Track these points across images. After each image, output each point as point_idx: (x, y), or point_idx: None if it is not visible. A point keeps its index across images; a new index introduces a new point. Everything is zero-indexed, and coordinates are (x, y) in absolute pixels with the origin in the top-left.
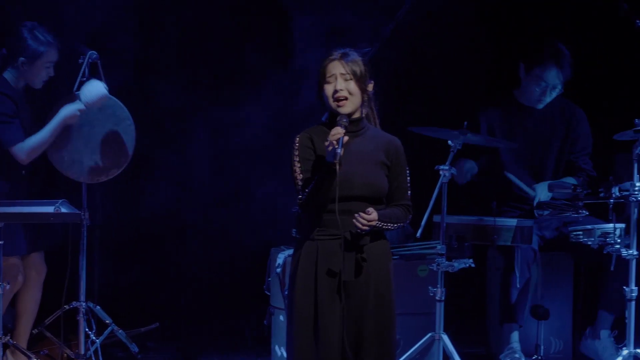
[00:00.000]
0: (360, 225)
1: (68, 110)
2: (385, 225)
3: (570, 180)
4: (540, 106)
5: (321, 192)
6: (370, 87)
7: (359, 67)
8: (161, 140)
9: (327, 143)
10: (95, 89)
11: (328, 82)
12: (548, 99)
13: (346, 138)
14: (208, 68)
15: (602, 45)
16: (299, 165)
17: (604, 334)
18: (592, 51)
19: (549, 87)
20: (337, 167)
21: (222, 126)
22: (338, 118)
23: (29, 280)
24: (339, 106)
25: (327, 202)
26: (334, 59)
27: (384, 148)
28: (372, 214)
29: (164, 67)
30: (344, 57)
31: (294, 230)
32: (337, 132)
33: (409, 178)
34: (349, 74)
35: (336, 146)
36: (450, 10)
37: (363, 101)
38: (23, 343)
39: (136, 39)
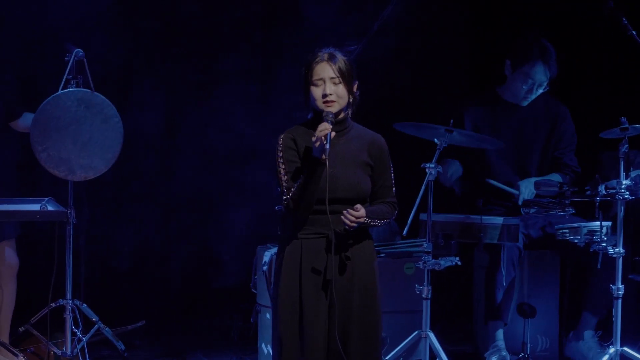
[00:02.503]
0: (348, 222)
1: None
2: (373, 222)
3: (557, 177)
4: (525, 103)
5: (308, 189)
6: (355, 87)
7: (346, 69)
8: (145, 137)
9: (314, 138)
10: None
11: (316, 85)
12: (533, 97)
13: (333, 133)
14: (194, 67)
15: (588, 43)
16: (283, 167)
17: (588, 334)
18: (578, 49)
19: (536, 84)
20: (327, 162)
21: (207, 124)
22: (324, 114)
23: (0, 273)
24: (327, 107)
25: (313, 202)
26: (322, 61)
27: (367, 147)
28: (360, 211)
29: (147, 67)
30: (331, 59)
31: (279, 228)
32: (325, 127)
33: (393, 175)
34: (338, 77)
35: (324, 142)
36: (435, 7)
37: (349, 102)
38: (5, 338)
39: (119, 38)
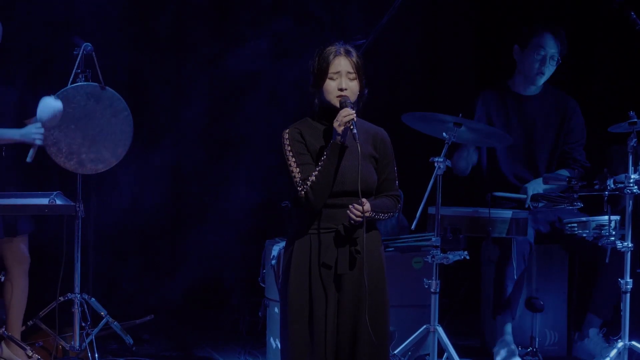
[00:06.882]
0: (354, 217)
1: (27, 133)
2: (378, 216)
3: (565, 172)
4: (540, 81)
5: (329, 176)
6: (363, 83)
7: (361, 65)
8: (155, 129)
9: (337, 123)
10: (48, 106)
11: (332, 78)
12: (547, 72)
13: (355, 118)
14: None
15: (596, 37)
16: (294, 159)
17: (593, 332)
18: (586, 42)
19: (548, 55)
20: (359, 146)
21: (216, 115)
22: (342, 99)
23: (11, 269)
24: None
25: (330, 190)
26: (339, 55)
27: (371, 141)
28: (366, 205)
29: (156, 57)
30: (348, 53)
31: (287, 223)
32: (348, 113)
33: (396, 168)
34: (354, 72)
35: (351, 127)
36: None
37: (357, 99)
38: (16, 334)
39: (128, 29)
